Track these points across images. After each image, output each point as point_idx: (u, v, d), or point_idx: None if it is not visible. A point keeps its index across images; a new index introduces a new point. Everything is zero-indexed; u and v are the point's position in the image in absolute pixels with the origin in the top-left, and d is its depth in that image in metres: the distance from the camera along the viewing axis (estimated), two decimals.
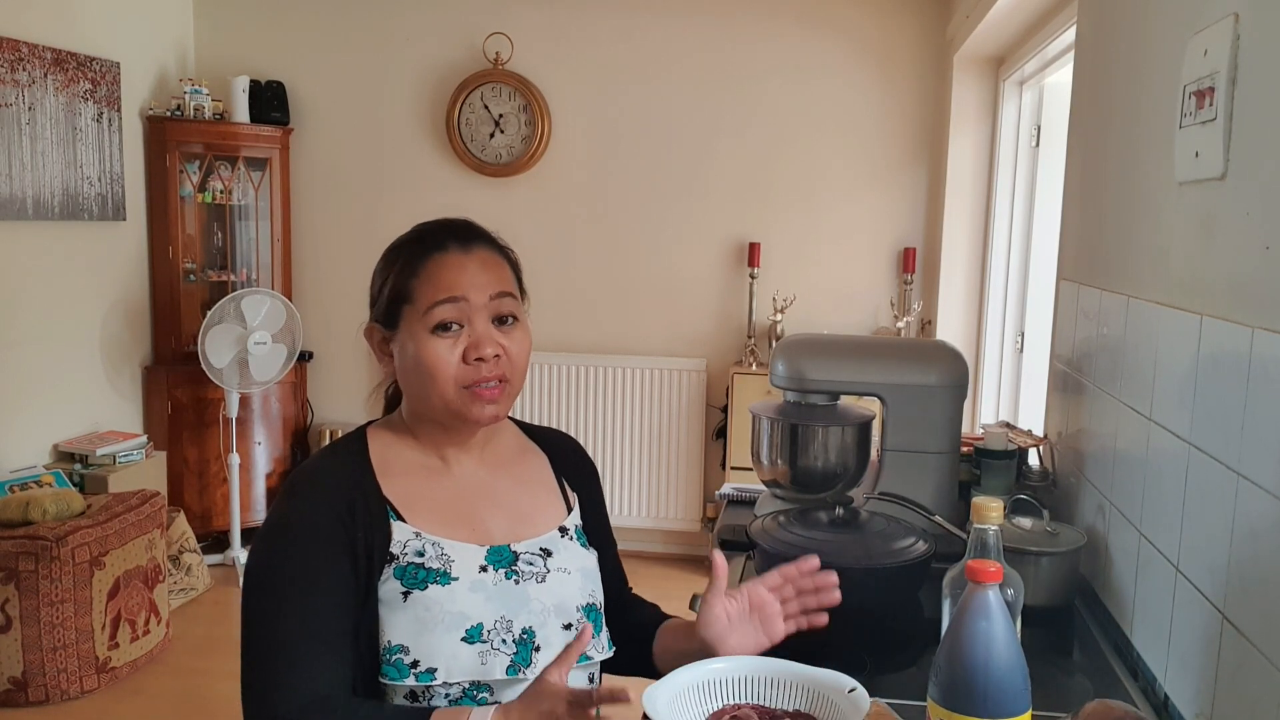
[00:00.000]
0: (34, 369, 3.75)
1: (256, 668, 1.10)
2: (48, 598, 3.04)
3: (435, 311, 1.16)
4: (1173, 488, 1.27)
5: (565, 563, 1.22)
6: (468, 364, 1.16)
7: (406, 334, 1.18)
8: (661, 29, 4.34)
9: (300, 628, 1.09)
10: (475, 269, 1.18)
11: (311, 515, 1.13)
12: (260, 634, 1.10)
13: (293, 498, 1.17)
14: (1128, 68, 1.62)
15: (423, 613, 1.12)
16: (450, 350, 1.16)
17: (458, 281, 1.16)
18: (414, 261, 1.19)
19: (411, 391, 1.21)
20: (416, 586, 1.13)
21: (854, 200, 4.33)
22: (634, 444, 4.40)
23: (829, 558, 1.50)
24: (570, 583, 1.21)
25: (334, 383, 4.72)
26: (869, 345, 2.02)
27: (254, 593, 1.14)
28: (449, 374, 1.16)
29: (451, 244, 1.19)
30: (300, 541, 1.12)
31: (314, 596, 1.10)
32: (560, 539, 1.25)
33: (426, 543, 1.15)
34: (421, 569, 1.14)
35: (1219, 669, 1.10)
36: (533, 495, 1.28)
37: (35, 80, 3.67)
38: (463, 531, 1.19)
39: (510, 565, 1.18)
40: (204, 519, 4.28)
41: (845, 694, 1.01)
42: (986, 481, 1.86)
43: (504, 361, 1.18)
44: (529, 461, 1.32)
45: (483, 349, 1.16)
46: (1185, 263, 1.28)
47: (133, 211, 4.22)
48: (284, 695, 1.07)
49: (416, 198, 4.53)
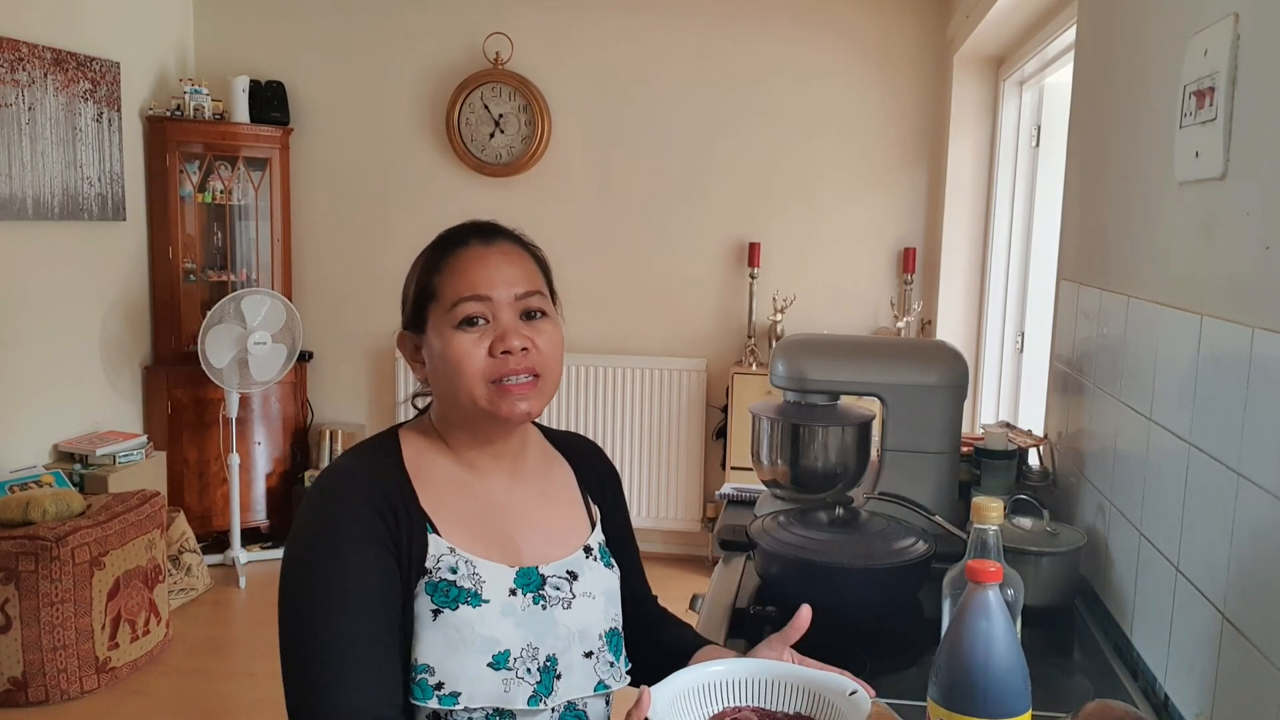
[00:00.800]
0: (34, 369, 3.76)
1: (313, 684, 1.04)
2: (48, 598, 3.04)
3: (460, 307, 1.13)
4: (1173, 488, 1.26)
5: (590, 586, 1.20)
6: (494, 357, 1.12)
7: (433, 332, 1.15)
8: (661, 29, 4.34)
9: (356, 638, 1.04)
10: (498, 261, 1.16)
11: (357, 515, 1.08)
12: (313, 647, 1.04)
13: (333, 497, 1.11)
14: (1128, 68, 1.62)
15: (452, 633, 1.08)
16: (476, 344, 1.12)
17: (481, 277, 1.14)
18: (437, 259, 1.17)
19: (441, 393, 1.18)
20: (448, 605, 1.09)
21: (854, 200, 4.33)
22: (634, 444, 4.41)
23: (829, 558, 1.51)
24: (594, 608, 1.19)
25: (334, 383, 4.72)
26: (869, 345, 2.02)
27: (298, 601, 1.07)
28: (476, 368, 1.12)
29: (473, 239, 1.18)
30: (349, 543, 1.07)
31: (365, 605, 1.05)
32: (585, 560, 1.22)
33: (460, 560, 1.12)
34: (454, 587, 1.10)
35: (1219, 669, 1.10)
36: (560, 512, 1.25)
37: (35, 80, 3.67)
38: (494, 550, 1.15)
39: (538, 589, 1.15)
40: (204, 519, 4.28)
41: (846, 696, 1.01)
42: (986, 481, 1.86)
43: (533, 354, 1.14)
44: (554, 474, 1.28)
45: (509, 341, 1.12)
46: (1185, 263, 1.28)
47: (133, 211, 4.22)
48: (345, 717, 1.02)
49: (416, 198, 4.54)
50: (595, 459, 1.34)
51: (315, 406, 4.72)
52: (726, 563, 1.79)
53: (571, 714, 1.15)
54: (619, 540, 1.33)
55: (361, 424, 4.69)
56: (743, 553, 1.78)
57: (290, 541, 1.12)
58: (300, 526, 1.11)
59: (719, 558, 1.83)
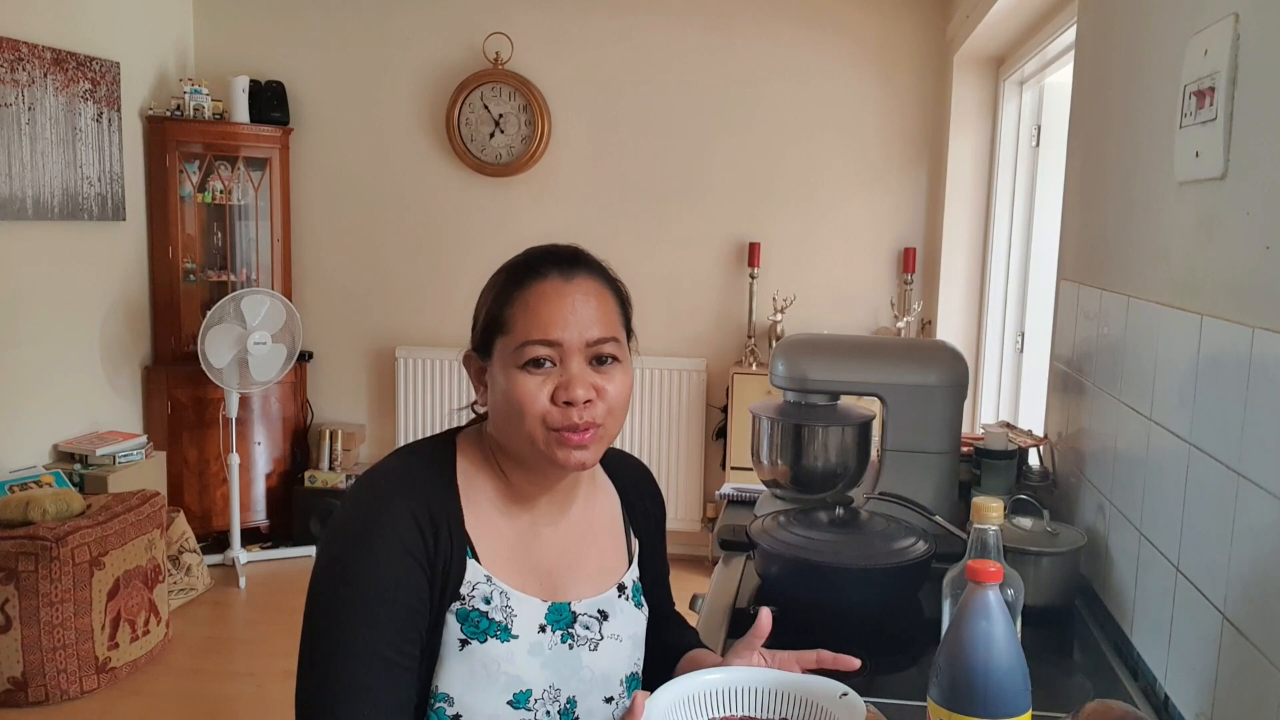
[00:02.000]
0: (34, 369, 3.75)
1: (322, 695, 1.02)
2: (48, 598, 3.04)
3: (527, 349, 1.07)
4: (1173, 488, 1.26)
5: (619, 629, 1.18)
6: (557, 405, 1.07)
7: (499, 366, 1.10)
8: (661, 29, 4.34)
9: (374, 654, 1.02)
10: (575, 302, 1.09)
11: (397, 526, 1.05)
12: (331, 656, 1.03)
13: (377, 498, 1.07)
14: (1128, 68, 1.62)
15: (478, 668, 1.07)
16: (540, 387, 1.07)
17: (555, 319, 1.08)
18: (510, 289, 1.11)
19: (500, 427, 1.13)
20: (476, 638, 1.07)
21: (854, 200, 4.33)
22: (634, 444, 4.40)
23: (829, 558, 1.51)
24: (620, 651, 1.18)
25: (334, 383, 4.71)
26: (869, 345, 2.02)
27: (324, 603, 1.05)
28: (537, 412, 1.07)
29: (552, 272, 1.10)
30: (385, 553, 1.04)
31: (390, 619, 1.03)
32: (617, 599, 1.20)
33: (495, 590, 1.09)
34: (485, 619, 1.08)
35: (1219, 669, 1.10)
36: (600, 546, 1.22)
37: (35, 80, 3.67)
38: (530, 583, 1.13)
39: (568, 628, 1.14)
40: (204, 519, 4.28)
41: (837, 699, 1.02)
42: (986, 481, 1.86)
43: (597, 406, 1.08)
44: (600, 502, 1.25)
45: (572, 391, 1.07)
46: (1185, 263, 1.28)
47: (133, 211, 4.22)
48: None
49: (416, 198, 4.53)
50: (645, 488, 1.30)
51: (315, 406, 4.72)
52: (726, 563, 1.79)
53: None
54: (653, 564, 1.30)
55: (361, 424, 4.69)
56: (743, 553, 1.78)
57: (328, 535, 1.09)
58: (341, 522, 1.08)
59: (719, 558, 1.83)
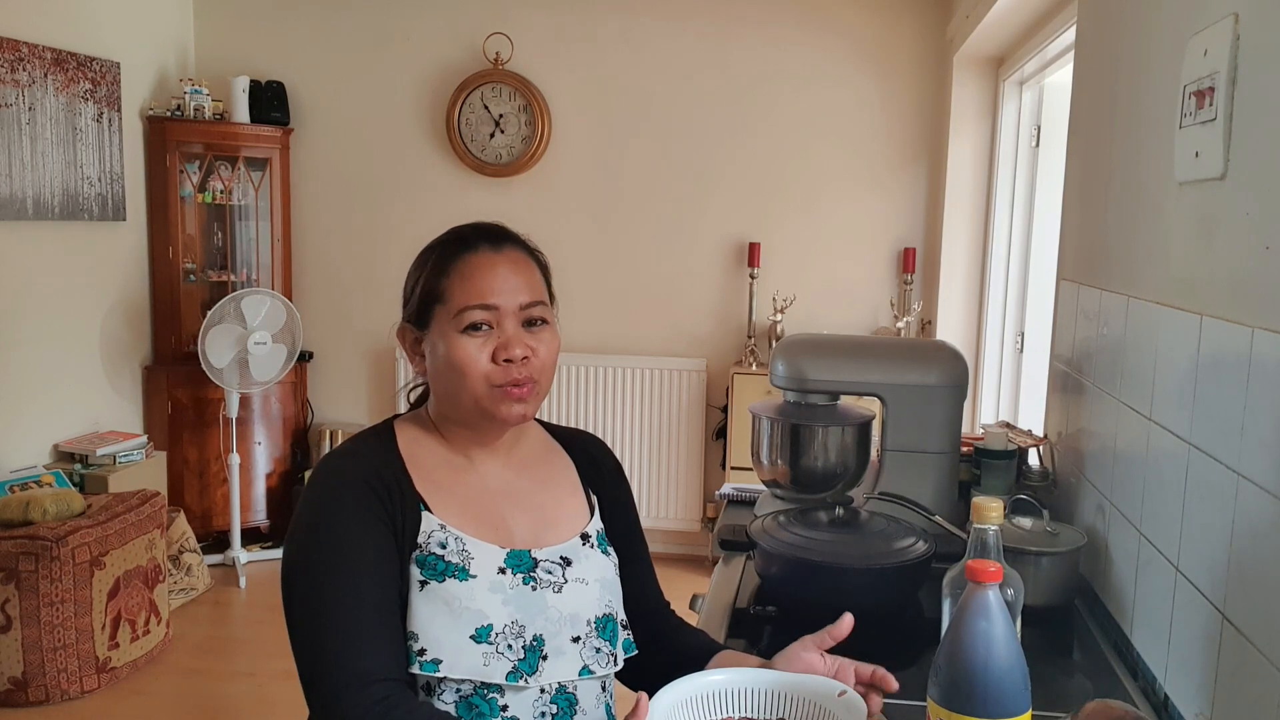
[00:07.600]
0: (34, 369, 3.75)
1: (322, 651, 1.08)
2: (48, 598, 3.04)
3: (467, 314, 1.18)
4: (1173, 488, 1.27)
5: (584, 573, 1.22)
6: (497, 364, 1.18)
7: (438, 334, 1.20)
8: (661, 29, 4.34)
9: (361, 605, 1.09)
10: (506, 270, 1.20)
11: (356, 493, 1.14)
12: (320, 616, 1.09)
13: (332, 478, 1.17)
14: (1128, 68, 1.62)
15: (440, 605, 1.12)
16: (480, 349, 1.18)
17: (489, 285, 1.19)
18: (445, 261, 1.21)
19: (441, 391, 1.23)
20: (435, 578, 1.13)
21: (854, 200, 4.33)
22: (634, 444, 4.40)
23: (829, 558, 1.51)
24: (587, 593, 1.21)
25: (334, 383, 4.72)
26: (869, 345, 2.02)
27: (304, 574, 1.12)
28: (479, 372, 1.17)
29: (483, 244, 1.22)
30: (350, 517, 1.12)
31: (367, 573, 1.10)
32: (581, 546, 1.25)
33: (450, 536, 1.16)
34: (441, 560, 1.14)
35: (1219, 669, 1.10)
36: (556, 499, 1.29)
37: (35, 80, 3.67)
38: (486, 531, 1.20)
39: (529, 571, 1.19)
40: (204, 519, 4.28)
41: (835, 698, 1.02)
42: (986, 481, 1.86)
43: (533, 363, 1.19)
44: (554, 463, 1.33)
45: (512, 350, 1.18)
46: (1185, 263, 1.28)
47: (133, 211, 4.22)
48: (355, 689, 1.05)
49: (416, 198, 4.54)
50: (597, 451, 1.37)
51: (315, 406, 4.72)
52: (726, 563, 1.79)
53: (562, 696, 1.17)
54: (626, 537, 1.34)
55: (362, 424, 4.68)
56: (743, 553, 1.78)
57: (294, 523, 1.16)
58: (302, 508, 1.16)
59: (719, 558, 1.83)
